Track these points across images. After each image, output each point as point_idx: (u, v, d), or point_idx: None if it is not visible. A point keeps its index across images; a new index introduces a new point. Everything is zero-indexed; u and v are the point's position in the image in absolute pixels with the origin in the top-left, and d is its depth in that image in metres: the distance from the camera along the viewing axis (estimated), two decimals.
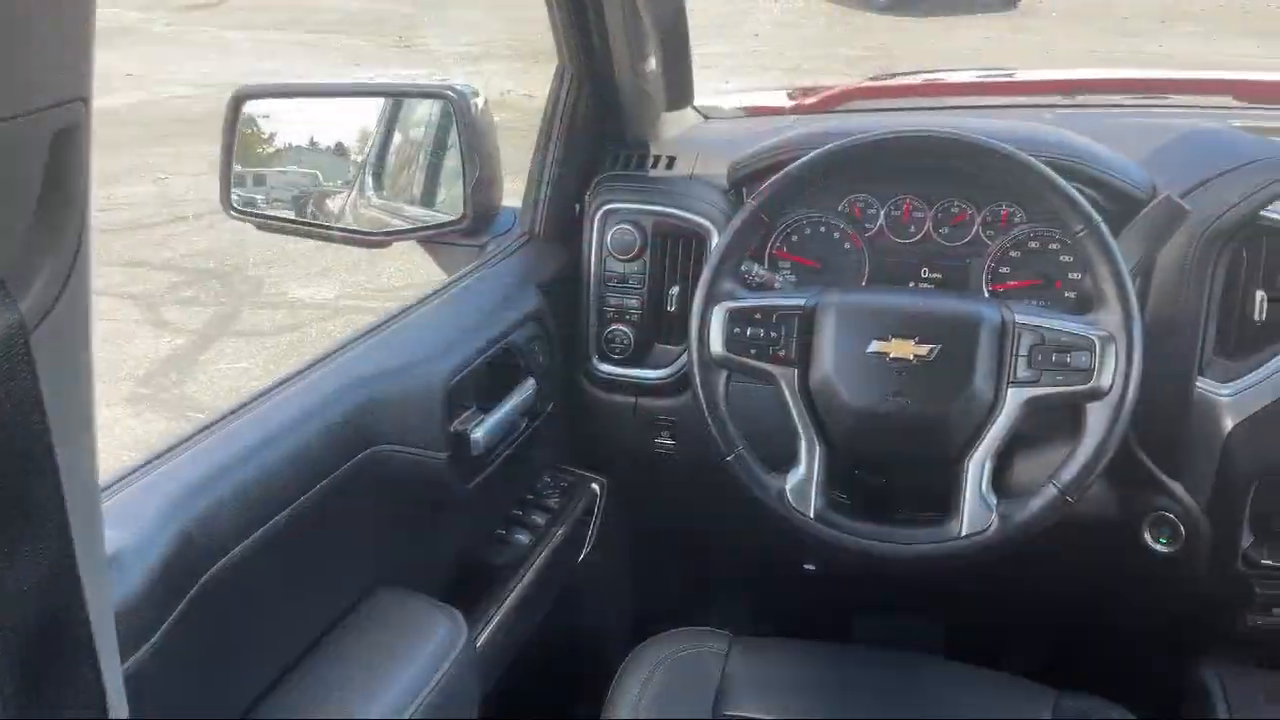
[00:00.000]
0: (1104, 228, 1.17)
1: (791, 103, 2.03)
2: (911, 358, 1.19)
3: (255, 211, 1.58)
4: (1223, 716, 1.27)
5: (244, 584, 0.93)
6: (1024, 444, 1.36)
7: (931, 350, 1.19)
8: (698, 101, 1.97)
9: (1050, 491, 1.16)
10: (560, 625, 1.54)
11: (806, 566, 1.66)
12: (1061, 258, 1.41)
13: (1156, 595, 1.44)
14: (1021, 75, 2.17)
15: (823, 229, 1.53)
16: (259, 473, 0.96)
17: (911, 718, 1.28)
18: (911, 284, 1.51)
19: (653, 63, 1.43)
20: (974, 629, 1.84)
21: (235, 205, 1.55)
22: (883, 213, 1.50)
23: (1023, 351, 1.17)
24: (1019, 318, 1.19)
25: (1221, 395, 1.29)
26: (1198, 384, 1.31)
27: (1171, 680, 1.39)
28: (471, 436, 1.21)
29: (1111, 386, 1.15)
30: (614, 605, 1.75)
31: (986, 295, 1.47)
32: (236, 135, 1.53)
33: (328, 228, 1.63)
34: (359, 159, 1.74)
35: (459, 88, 1.53)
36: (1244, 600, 1.32)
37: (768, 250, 1.55)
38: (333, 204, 1.74)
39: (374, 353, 1.19)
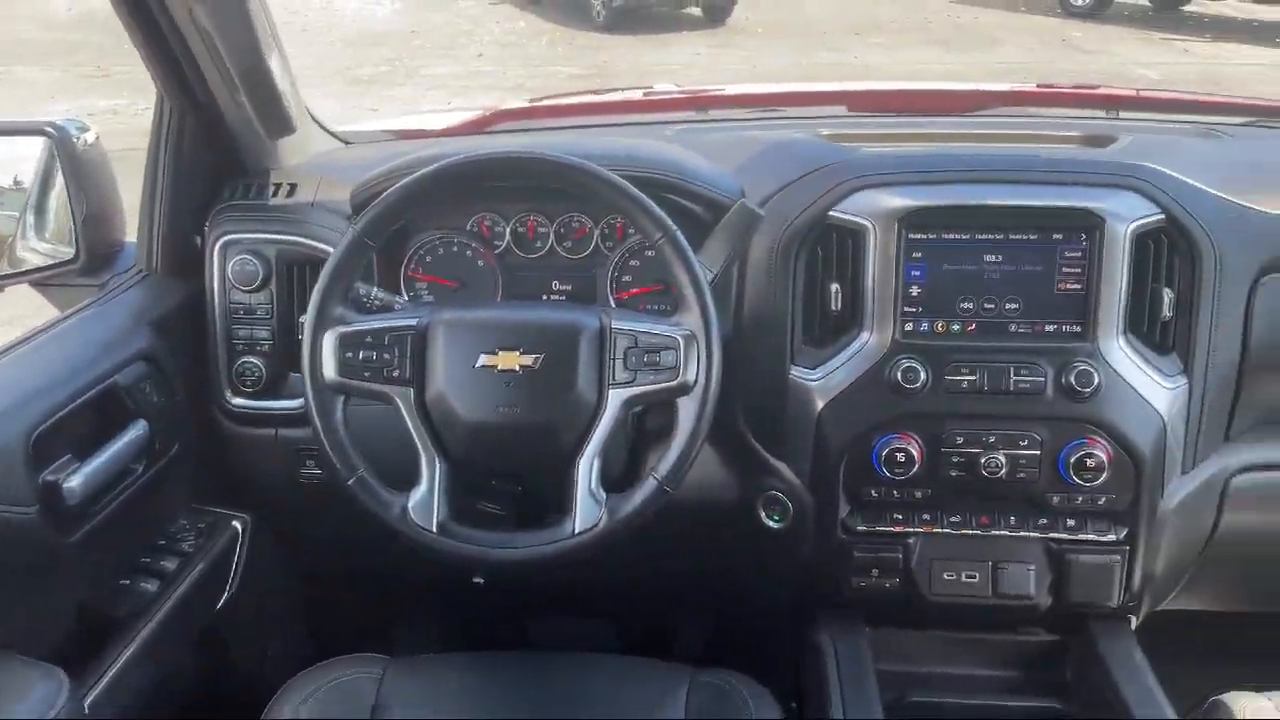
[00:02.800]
0: (679, 235, 1.25)
1: (445, 124, 2.05)
2: (518, 368, 1.24)
3: None
4: (833, 675, 1.38)
5: None
6: (640, 440, 1.43)
7: (536, 360, 1.24)
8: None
9: (650, 483, 1.23)
10: (204, 670, 1.50)
11: (475, 580, 1.68)
12: None
13: (776, 569, 1.55)
14: (668, 93, 2.27)
15: (455, 248, 1.56)
16: None
17: (552, 714, 1.33)
18: (545, 297, 1.56)
19: (245, 93, 1.42)
20: (645, 623, 1.93)
21: None
22: (508, 230, 1.55)
23: (619, 355, 1.24)
24: (615, 323, 1.25)
25: (811, 380, 1.41)
26: (791, 372, 1.42)
27: (795, 647, 1.50)
28: (65, 486, 1.16)
29: (696, 381, 1.23)
30: (273, 643, 1.71)
31: (612, 303, 1.54)
32: None
33: None
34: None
35: (60, 124, 1.47)
36: (846, 565, 1.44)
37: (403, 272, 1.57)
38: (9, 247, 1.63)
39: None
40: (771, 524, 1.48)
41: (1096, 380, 1.34)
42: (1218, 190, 1.41)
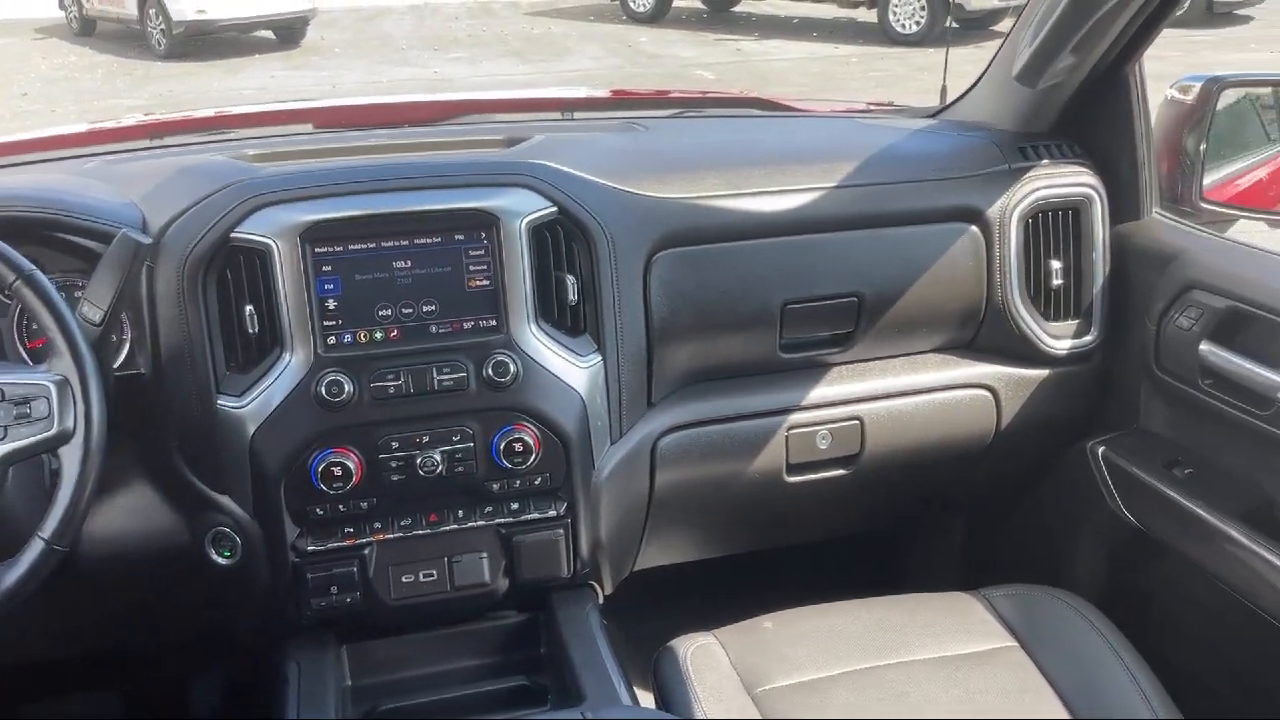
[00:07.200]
0: (37, 276, 1.18)
1: None
2: None
3: None
4: (292, 703, 1.35)
5: None
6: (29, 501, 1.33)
7: None
8: None
9: (37, 545, 1.15)
10: None
11: None
12: None
13: (237, 606, 1.50)
14: (125, 121, 2.15)
15: None
16: None
17: None
18: None
19: None
20: (150, 687, 1.82)
21: None
22: None
23: None
24: None
25: (240, 408, 1.37)
26: (219, 402, 1.38)
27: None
28: None
29: (75, 428, 1.16)
30: None
31: (25, 356, 1.43)
32: None
33: None
34: None
35: None
36: (304, 588, 1.42)
37: None
38: None
39: None
40: (222, 560, 1.43)
41: (514, 369, 1.41)
42: (614, 179, 1.52)
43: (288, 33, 12.47)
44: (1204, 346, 1.53)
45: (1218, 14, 12.09)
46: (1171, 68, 2.06)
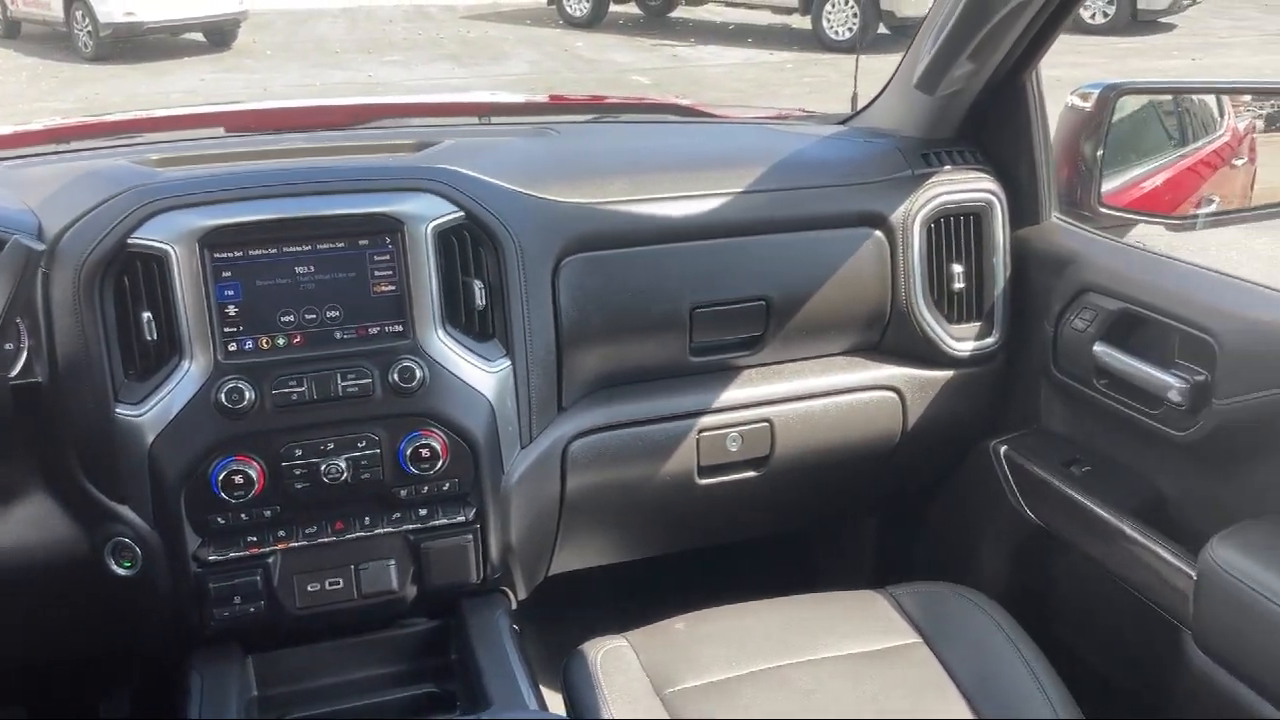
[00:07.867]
0: None
1: None
2: None
3: None
4: (194, 715, 1.34)
5: None
6: None
7: None
8: None
9: None
10: None
11: None
12: None
13: (139, 618, 1.48)
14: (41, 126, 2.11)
15: None
16: None
17: None
18: None
19: None
20: (62, 705, 1.79)
21: None
22: None
23: None
24: None
25: (139, 416, 1.35)
26: (116, 411, 1.35)
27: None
28: None
29: None
30: None
31: None
32: None
33: None
34: None
35: None
36: (206, 598, 1.40)
37: None
38: None
39: None
40: (122, 571, 1.40)
41: (420, 375, 1.40)
42: (522, 184, 1.52)
43: (218, 35, 12.28)
44: (1098, 347, 1.57)
45: (1142, 21, 12.39)
46: (1096, 73, 2.11)
